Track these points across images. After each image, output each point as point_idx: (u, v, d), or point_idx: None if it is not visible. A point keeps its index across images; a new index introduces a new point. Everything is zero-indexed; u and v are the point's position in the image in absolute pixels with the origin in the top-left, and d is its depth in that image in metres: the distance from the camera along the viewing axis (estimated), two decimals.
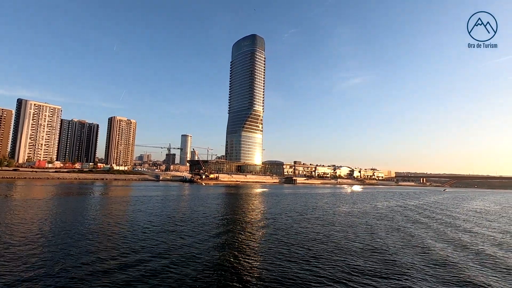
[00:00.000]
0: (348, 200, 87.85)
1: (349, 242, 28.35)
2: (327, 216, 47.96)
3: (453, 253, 25.54)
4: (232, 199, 77.55)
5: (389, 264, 21.51)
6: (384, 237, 31.65)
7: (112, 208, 49.72)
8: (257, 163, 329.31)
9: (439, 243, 29.70)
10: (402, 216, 51.67)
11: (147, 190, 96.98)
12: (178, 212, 46.11)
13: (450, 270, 20.63)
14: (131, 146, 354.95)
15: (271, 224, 38.61)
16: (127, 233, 29.21)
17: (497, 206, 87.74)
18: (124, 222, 35.63)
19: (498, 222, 48.90)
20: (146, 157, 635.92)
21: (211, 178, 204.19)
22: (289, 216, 45.84)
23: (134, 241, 26.45)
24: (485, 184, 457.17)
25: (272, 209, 56.81)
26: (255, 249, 25.25)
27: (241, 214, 47.67)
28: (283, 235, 31.14)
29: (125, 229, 31.23)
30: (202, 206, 55.79)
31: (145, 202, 59.59)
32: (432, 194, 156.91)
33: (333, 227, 36.70)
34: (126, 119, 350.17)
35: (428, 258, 23.81)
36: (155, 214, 42.37)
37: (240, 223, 38.50)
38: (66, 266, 19.17)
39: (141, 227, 32.72)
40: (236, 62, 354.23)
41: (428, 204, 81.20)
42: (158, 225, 34.10)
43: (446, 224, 43.50)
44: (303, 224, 38.79)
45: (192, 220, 38.39)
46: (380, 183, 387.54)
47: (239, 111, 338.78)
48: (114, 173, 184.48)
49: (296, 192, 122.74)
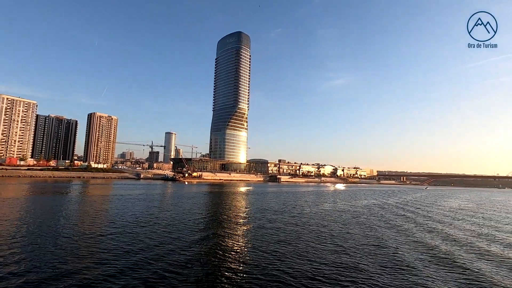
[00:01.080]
0: (331, 198, 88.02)
1: (331, 240, 27.48)
2: (307, 214, 47.20)
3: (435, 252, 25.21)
4: (214, 198, 75.80)
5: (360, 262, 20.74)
6: (372, 234, 31.11)
7: (86, 208, 46.92)
8: (242, 161, 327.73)
9: (417, 242, 29.39)
10: (390, 213, 51.76)
11: (126, 189, 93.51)
12: (156, 212, 43.96)
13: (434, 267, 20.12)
14: (112, 143, 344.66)
15: (252, 223, 37.41)
16: (99, 235, 27.00)
17: (471, 204, 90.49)
18: (98, 223, 33.31)
19: (472, 220, 49.80)
20: (128, 155, 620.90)
21: (194, 176, 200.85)
22: (270, 215, 44.73)
23: (108, 242, 24.65)
24: (461, 182, 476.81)
25: (254, 207, 55.62)
26: (234, 248, 23.89)
27: (222, 213, 46.20)
28: (264, 234, 30.05)
29: (97, 230, 28.96)
30: (183, 206, 53.76)
31: (121, 201, 56.85)
32: (413, 192, 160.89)
33: (311, 226, 35.87)
34: (107, 115, 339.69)
35: (401, 257, 23.24)
36: (130, 215, 40.08)
37: (220, 223, 37.04)
38: (40, 268, 17.85)
39: (114, 228, 30.65)
40: (221, 59, 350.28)
41: (412, 202, 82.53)
42: (133, 226, 32.01)
43: (426, 220, 43.73)
44: (283, 222, 37.76)
45: (170, 221, 36.53)
46: (363, 181, 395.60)
47: (224, 108, 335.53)
48: (92, 171, 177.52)
49: (280, 190, 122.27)
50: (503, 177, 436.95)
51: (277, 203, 65.88)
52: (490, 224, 44.70)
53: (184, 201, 61.99)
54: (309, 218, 43.42)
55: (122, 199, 61.86)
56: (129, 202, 56.41)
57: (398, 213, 54.96)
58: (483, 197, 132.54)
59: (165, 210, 47.40)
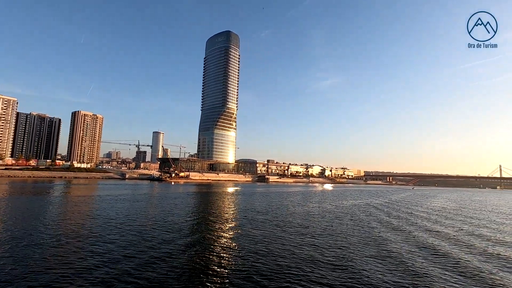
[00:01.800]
0: (318, 198, 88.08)
1: (315, 240, 26.92)
2: (292, 214, 46.72)
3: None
4: (200, 199, 74.49)
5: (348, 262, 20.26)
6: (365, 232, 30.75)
7: (65, 209, 44.84)
8: (230, 161, 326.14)
9: (402, 241, 29.26)
10: (379, 212, 51.87)
11: (109, 190, 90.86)
12: (138, 213, 42.43)
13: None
14: (97, 142, 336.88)
15: (235, 224, 36.55)
16: (76, 239, 25.41)
17: (453, 203, 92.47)
18: (75, 225, 31.52)
19: (454, 220, 50.54)
20: (115, 155, 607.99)
21: (181, 176, 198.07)
22: (255, 215, 44.00)
23: (85, 247, 23.25)
24: (444, 182, 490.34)
25: (240, 208, 54.78)
26: (218, 249, 22.99)
27: (205, 215, 45.15)
28: (248, 235, 29.27)
29: (74, 234, 27.30)
30: (167, 207, 52.29)
31: (102, 203, 54.88)
32: (400, 192, 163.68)
33: (295, 225, 35.36)
34: (92, 114, 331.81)
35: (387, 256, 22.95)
36: (109, 216, 38.45)
37: (202, 224, 36.01)
38: (18, 272, 16.77)
39: (91, 231, 29.11)
40: (210, 58, 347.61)
41: (398, 201, 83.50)
42: (112, 229, 30.48)
43: (411, 219, 44.00)
44: (268, 223, 37.09)
45: (151, 223, 35.23)
46: (350, 181, 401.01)
47: (212, 108, 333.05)
48: (74, 171, 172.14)
49: (268, 191, 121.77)
50: (483, 178, 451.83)
51: (264, 203, 65.21)
52: (474, 224, 45.44)
53: (168, 202, 60.48)
54: (294, 218, 42.93)
55: (103, 200, 59.79)
56: (110, 203, 54.49)
57: (390, 212, 55.30)
58: (465, 197, 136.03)
59: (147, 211, 45.89)
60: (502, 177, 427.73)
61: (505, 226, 43.77)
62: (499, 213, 64.61)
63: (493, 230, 39.75)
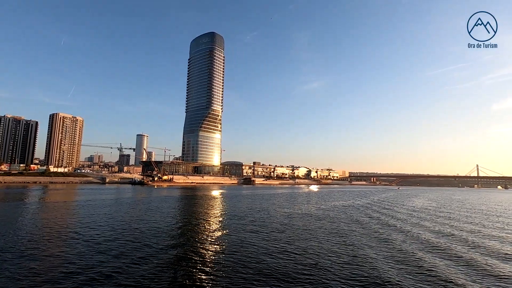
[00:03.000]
0: (304, 200, 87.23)
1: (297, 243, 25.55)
2: (275, 217, 45.33)
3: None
4: (183, 203, 72.12)
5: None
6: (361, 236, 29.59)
7: (40, 216, 41.54)
8: (216, 163, 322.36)
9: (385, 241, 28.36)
10: (364, 213, 51.25)
11: (86, 194, 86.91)
12: (118, 220, 39.83)
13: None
14: (77, 146, 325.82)
15: (219, 228, 34.95)
16: (44, 248, 22.98)
17: (433, 203, 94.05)
18: (46, 234, 28.90)
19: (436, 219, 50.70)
20: (97, 158, 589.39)
21: (164, 180, 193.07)
22: (239, 219, 42.29)
23: (62, 253, 21.59)
24: (426, 182, 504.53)
25: (224, 212, 53.04)
26: (194, 259, 21.14)
27: (189, 219, 43.54)
28: (235, 240, 27.83)
29: (44, 243, 24.76)
30: (149, 212, 49.78)
31: (77, 208, 51.77)
32: (384, 192, 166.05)
33: (277, 229, 33.99)
34: (71, 116, 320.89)
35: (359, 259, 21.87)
36: (80, 223, 35.83)
37: (186, 229, 34.37)
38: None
39: (62, 239, 26.91)
40: (194, 60, 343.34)
41: (384, 201, 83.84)
42: (90, 237, 28.22)
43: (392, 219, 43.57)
44: (253, 227, 35.50)
45: (133, 228, 32.95)
46: (335, 182, 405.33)
47: (197, 110, 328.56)
48: (50, 175, 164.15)
49: (253, 193, 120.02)
50: (462, 177, 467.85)
51: (248, 206, 63.53)
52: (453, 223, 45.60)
53: (149, 207, 57.73)
54: (277, 220, 41.54)
55: (78, 206, 56.48)
56: (84, 209, 51.38)
57: (382, 212, 54.91)
58: (445, 196, 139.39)
59: (126, 217, 43.22)
60: (479, 176, 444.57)
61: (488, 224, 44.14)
62: (482, 213, 65.77)
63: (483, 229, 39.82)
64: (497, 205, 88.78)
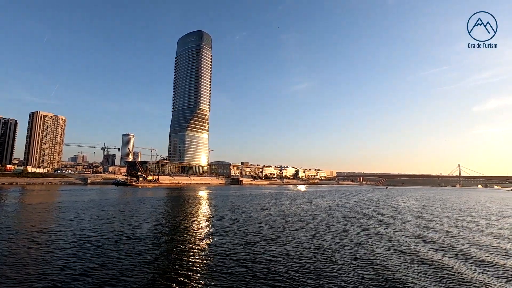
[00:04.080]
0: (290, 200, 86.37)
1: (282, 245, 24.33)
2: (259, 219, 44.04)
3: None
4: (169, 204, 70.00)
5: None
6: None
7: (12, 220, 38.68)
8: (203, 163, 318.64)
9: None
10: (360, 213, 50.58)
11: (65, 196, 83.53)
12: (98, 222, 37.52)
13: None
14: (59, 145, 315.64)
15: (202, 231, 33.46)
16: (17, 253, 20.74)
17: (418, 202, 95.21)
18: (15, 239, 26.49)
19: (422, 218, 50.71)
20: (80, 159, 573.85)
21: (149, 180, 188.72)
22: (224, 221, 40.75)
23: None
24: (410, 181, 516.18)
25: (209, 213, 51.36)
26: (174, 267, 19.51)
27: (173, 221, 41.74)
28: (220, 243, 26.37)
29: (16, 249, 22.49)
30: (132, 213, 47.64)
31: (51, 211, 48.87)
32: (372, 191, 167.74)
33: (257, 231, 32.72)
34: (53, 114, 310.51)
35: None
36: (59, 228, 33.43)
37: (168, 232, 32.66)
38: None
39: (39, 242, 24.69)
40: (181, 58, 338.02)
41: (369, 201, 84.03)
42: (64, 241, 26.14)
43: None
44: (238, 229, 34.05)
45: (110, 232, 30.86)
46: (323, 182, 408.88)
47: (184, 109, 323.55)
48: (28, 176, 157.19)
49: (240, 193, 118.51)
50: (445, 176, 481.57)
51: (233, 207, 62.00)
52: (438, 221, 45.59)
53: (133, 208, 55.35)
54: (257, 222, 40.28)
55: (54, 208, 53.45)
56: (61, 212, 48.62)
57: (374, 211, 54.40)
58: (429, 196, 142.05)
59: (107, 220, 40.86)
60: (461, 176, 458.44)
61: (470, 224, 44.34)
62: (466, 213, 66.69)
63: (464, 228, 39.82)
64: (481, 205, 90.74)
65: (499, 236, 34.79)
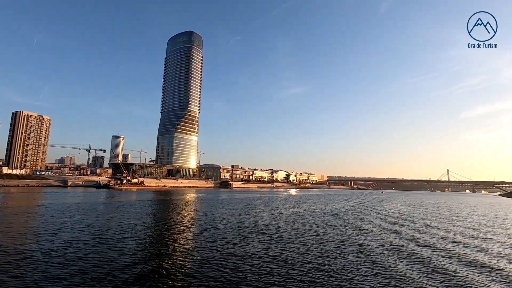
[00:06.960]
0: (281, 204, 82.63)
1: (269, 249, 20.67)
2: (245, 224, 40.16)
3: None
4: (153, 208, 65.09)
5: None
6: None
7: None
8: (192, 166, 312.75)
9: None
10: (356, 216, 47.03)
11: (41, 199, 78.02)
12: (72, 229, 33.06)
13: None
14: (43, 146, 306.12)
15: (185, 238, 29.29)
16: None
17: (407, 207, 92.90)
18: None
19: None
20: (68, 160, 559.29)
21: (133, 183, 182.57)
22: (210, 229, 36.81)
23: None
24: (401, 186, 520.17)
25: (194, 219, 47.06)
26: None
27: (156, 227, 37.81)
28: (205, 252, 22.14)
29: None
30: (111, 219, 43.11)
31: (19, 216, 43.83)
32: (364, 195, 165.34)
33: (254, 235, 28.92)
34: (37, 114, 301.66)
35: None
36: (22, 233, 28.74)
37: (150, 239, 28.29)
38: None
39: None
40: (171, 59, 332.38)
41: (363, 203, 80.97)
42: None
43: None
44: (224, 237, 30.13)
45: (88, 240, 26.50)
46: (314, 186, 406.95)
47: (173, 110, 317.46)
48: (2, 177, 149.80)
49: (229, 197, 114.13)
50: (434, 181, 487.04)
51: (219, 213, 57.82)
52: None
53: (112, 212, 50.61)
54: (245, 227, 36.45)
55: (26, 212, 48.31)
56: (27, 216, 43.65)
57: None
58: (419, 200, 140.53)
59: (75, 226, 36.25)
60: (449, 181, 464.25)
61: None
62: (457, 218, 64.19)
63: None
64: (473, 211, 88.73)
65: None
